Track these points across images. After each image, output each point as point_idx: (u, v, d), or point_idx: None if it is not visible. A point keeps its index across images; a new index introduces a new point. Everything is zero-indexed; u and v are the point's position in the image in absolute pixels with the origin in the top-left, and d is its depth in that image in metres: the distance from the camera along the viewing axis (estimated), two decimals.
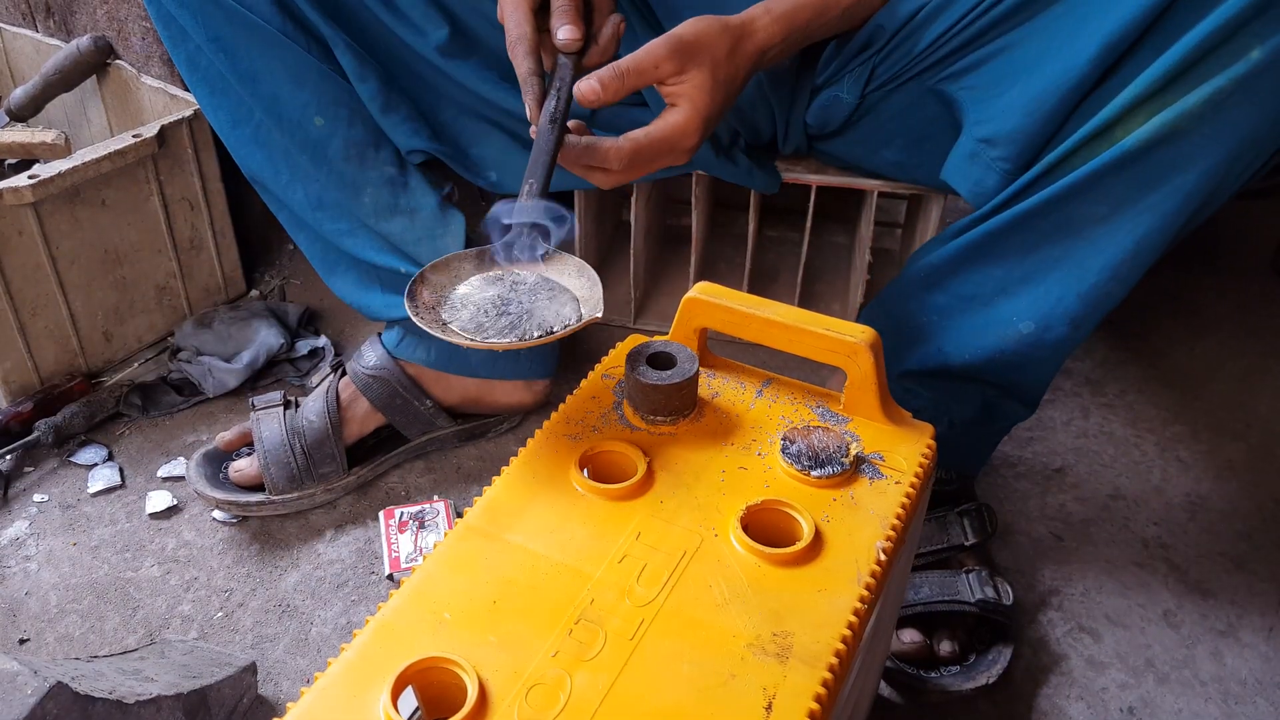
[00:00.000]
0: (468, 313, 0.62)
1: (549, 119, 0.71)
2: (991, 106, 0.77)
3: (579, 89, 0.72)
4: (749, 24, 0.77)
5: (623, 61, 0.72)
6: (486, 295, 0.64)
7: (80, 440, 1.08)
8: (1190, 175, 0.67)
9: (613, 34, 0.76)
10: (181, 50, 0.91)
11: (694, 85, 0.74)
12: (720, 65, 0.75)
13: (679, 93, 0.74)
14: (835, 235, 1.40)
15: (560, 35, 0.73)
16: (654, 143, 0.74)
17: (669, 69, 0.73)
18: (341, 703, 0.44)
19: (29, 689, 0.62)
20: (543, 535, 0.52)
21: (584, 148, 0.72)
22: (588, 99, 0.72)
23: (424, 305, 0.62)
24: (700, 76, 0.74)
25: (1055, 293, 0.75)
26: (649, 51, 0.73)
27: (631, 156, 0.73)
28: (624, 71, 0.72)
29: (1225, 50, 0.63)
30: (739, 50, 0.76)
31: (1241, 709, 0.82)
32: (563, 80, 0.73)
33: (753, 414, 0.61)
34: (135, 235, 1.14)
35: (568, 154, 0.72)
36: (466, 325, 0.61)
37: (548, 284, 0.65)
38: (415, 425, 1.03)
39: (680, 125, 0.74)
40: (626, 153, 0.72)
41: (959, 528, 0.87)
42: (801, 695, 0.44)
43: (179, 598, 0.91)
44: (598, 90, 0.72)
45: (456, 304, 0.63)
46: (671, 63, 0.73)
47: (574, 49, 0.74)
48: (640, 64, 0.72)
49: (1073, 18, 0.71)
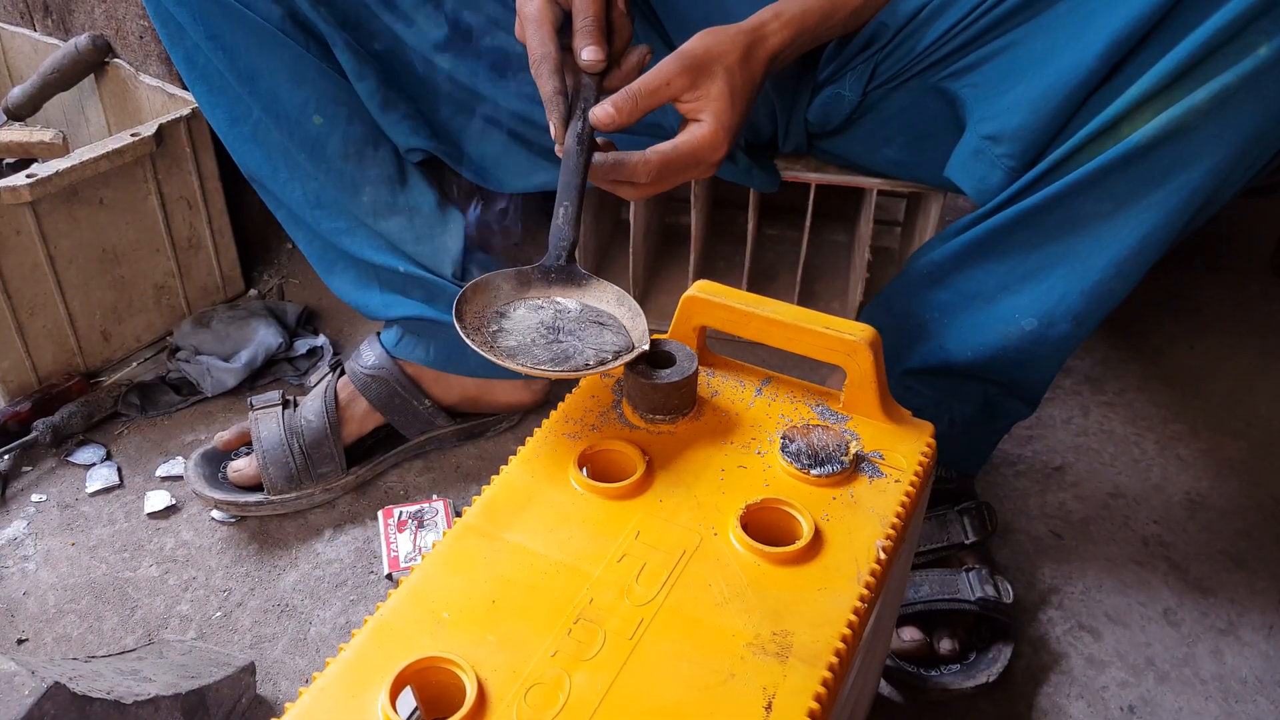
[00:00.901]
0: (515, 339, 0.62)
1: (575, 140, 0.71)
2: (996, 104, 0.77)
3: (594, 115, 0.72)
4: (760, 29, 0.77)
5: (635, 84, 0.73)
6: (533, 321, 0.64)
7: (78, 440, 1.08)
8: (1195, 172, 0.67)
9: (637, 62, 0.76)
10: (179, 48, 0.91)
11: (712, 97, 0.74)
12: (735, 73, 0.74)
13: (699, 107, 0.74)
14: (835, 234, 1.40)
15: (585, 56, 0.73)
16: (681, 156, 0.73)
17: (681, 85, 0.73)
18: (340, 703, 0.44)
19: (26, 689, 0.62)
20: (542, 534, 0.52)
21: (612, 164, 0.72)
22: (603, 124, 0.72)
23: (470, 327, 0.62)
24: (717, 88, 0.74)
25: (1059, 289, 0.75)
26: (660, 71, 0.73)
27: (660, 170, 0.73)
28: (637, 93, 0.72)
29: (1232, 47, 0.63)
30: (753, 56, 0.76)
31: (1242, 707, 0.82)
32: (587, 101, 0.73)
33: (752, 412, 0.61)
34: (133, 234, 1.14)
35: (595, 171, 0.72)
36: (515, 351, 0.61)
37: (594, 313, 0.65)
38: (414, 425, 1.03)
39: (706, 139, 0.74)
40: (655, 166, 0.72)
41: (959, 526, 0.86)
42: (801, 694, 0.44)
43: (177, 598, 0.91)
44: (612, 115, 0.72)
45: (505, 328, 0.63)
46: (684, 78, 0.73)
47: (598, 69, 0.74)
48: (652, 84, 0.72)
49: (1079, 15, 0.71)
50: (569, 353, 0.60)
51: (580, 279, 0.67)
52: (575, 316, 0.64)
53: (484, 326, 0.63)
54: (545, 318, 0.64)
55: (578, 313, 0.65)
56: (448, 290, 1.00)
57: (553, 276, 0.67)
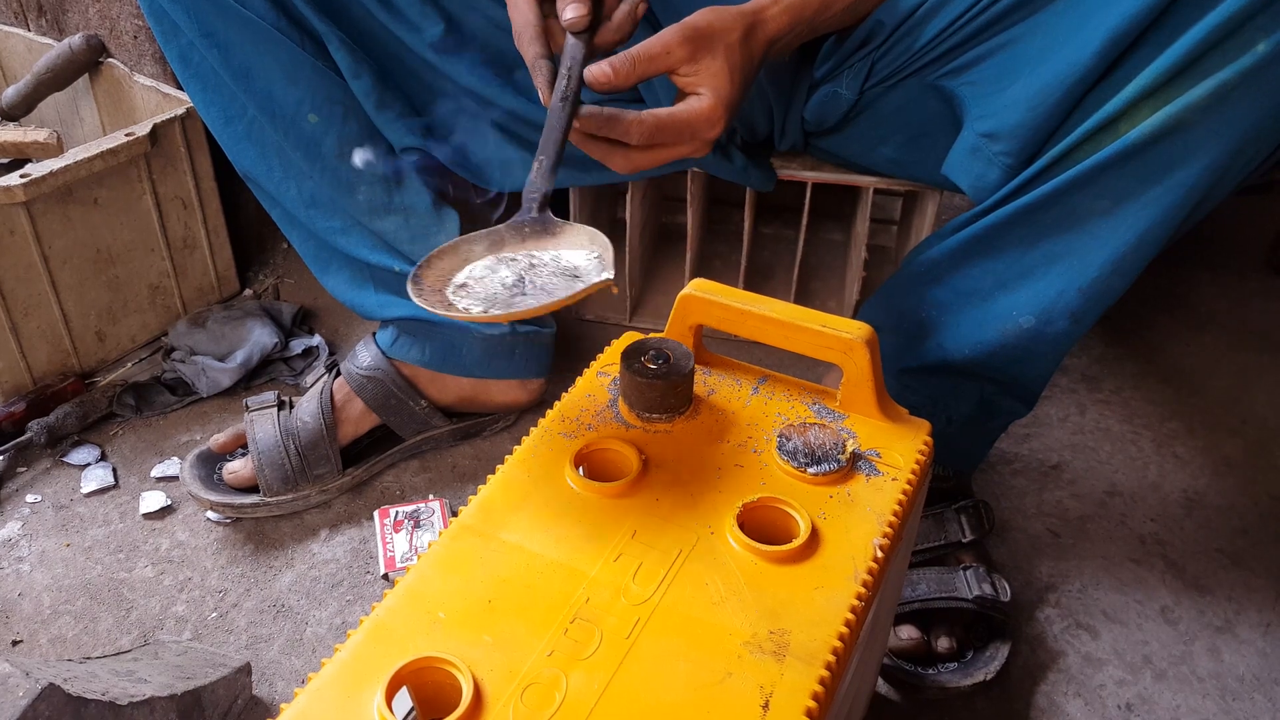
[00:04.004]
0: (477, 293, 0.60)
1: (560, 97, 0.68)
2: (994, 101, 0.77)
3: (590, 73, 0.70)
4: (761, 11, 0.76)
5: (635, 48, 0.71)
6: (499, 275, 0.62)
7: (73, 440, 1.08)
8: (1193, 169, 0.67)
9: (629, 12, 0.74)
10: (174, 46, 0.91)
11: (712, 72, 0.72)
12: (735, 51, 0.73)
13: (697, 81, 0.72)
14: (831, 233, 1.40)
15: (567, 14, 0.71)
16: (677, 123, 0.72)
17: (681, 55, 0.71)
18: (336, 703, 0.44)
19: (20, 691, 0.61)
20: (538, 534, 0.52)
21: (606, 118, 0.69)
22: (599, 82, 0.70)
23: (429, 288, 0.60)
24: (716, 64, 0.72)
25: (1056, 287, 0.75)
26: (661, 38, 0.71)
27: (653, 132, 0.70)
28: (636, 57, 0.71)
29: (1230, 44, 0.63)
30: (753, 37, 0.75)
31: (1239, 705, 0.82)
32: (574, 59, 0.70)
33: (749, 411, 0.60)
34: (128, 234, 1.13)
35: (588, 123, 0.70)
36: (472, 306, 0.59)
37: (569, 267, 0.62)
38: (410, 425, 1.03)
39: (704, 111, 0.72)
40: (649, 127, 0.70)
41: (956, 525, 0.86)
42: (799, 693, 0.44)
43: (173, 598, 0.91)
44: (609, 75, 0.70)
45: (468, 284, 0.61)
46: (684, 49, 0.71)
47: (580, 27, 0.71)
48: (652, 50, 0.71)
49: (1076, 13, 0.71)
50: (526, 300, 0.58)
51: (553, 227, 0.65)
52: (549, 269, 0.62)
53: (444, 286, 0.61)
54: (517, 270, 0.62)
55: (551, 264, 0.63)
56: None
57: (526, 230, 0.65)
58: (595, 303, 1.28)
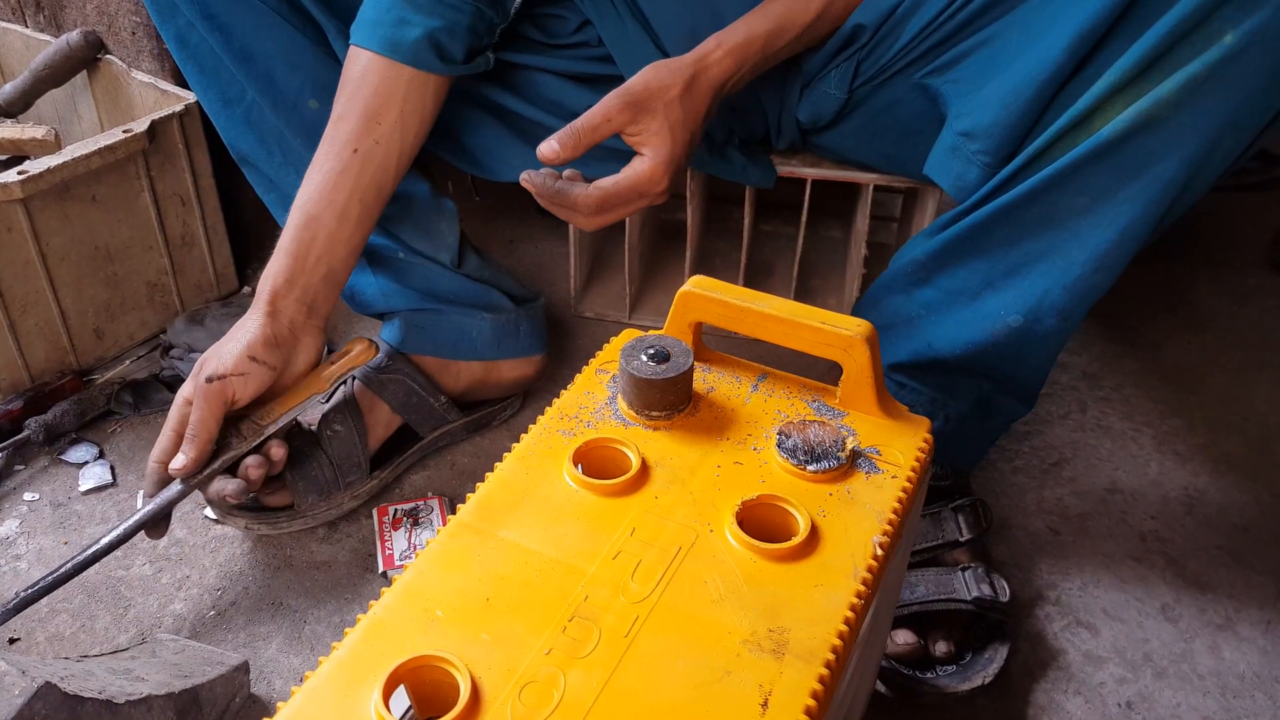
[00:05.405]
0: None
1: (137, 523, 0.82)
2: (971, 100, 0.77)
3: (540, 151, 0.78)
4: (702, 60, 0.81)
5: (578, 120, 0.78)
6: None
7: (71, 438, 1.07)
8: (1170, 163, 0.67)
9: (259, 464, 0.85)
10: (170, 26, 0.90)
11: (653, 131, 0.79)
12: (675, 107, 0.79)
13: (642, 141, 0.79)
14: (831, 230, 1.39)
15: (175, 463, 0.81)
16: (621, 190, 0.79)
17: (622, 120, 0.78)
18: (333, 701, 0.44)
19: (16, 689, 0.61)
20: (536, 531, 0.52)
21: (555, 190, 0.78)
22: (547, 158, 0.78)
23: None
24: (655, 123, 0.78)
25: (1041, 285, 0.75)
26: (602, 106, 0.78)
27: (600, 204, 0.78)
28: (580, 129, 0.78)
29: (1198, 36, 0.62)
30: (694, 89, 0.80)
31: (1240, 703, 0.81)
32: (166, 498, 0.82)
33: (748, 409, 0.60)
34: (126, 231, 1.13)
35: (543, 195, 0.78)
36: None
37: None
38: (428, 422, 1.02)
39: (645, 173, 0.79)
40: (594, 200, 0.78)
41: (954, 523, 0.86)
42: (798, 691, 0.44)
43: (171, 596, 0.90)
44: (556, 150, 0.77)
45: None
46: (624, 114, 0.78)
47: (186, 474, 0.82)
48: (593, 120, 0.78)
49: (1049, 9, 0.70)
50: None
51: None
52: None
53: None
54: None
55: None
56: (445, 279, 0.99)
57: None
58: (595, 300, 1.28)
